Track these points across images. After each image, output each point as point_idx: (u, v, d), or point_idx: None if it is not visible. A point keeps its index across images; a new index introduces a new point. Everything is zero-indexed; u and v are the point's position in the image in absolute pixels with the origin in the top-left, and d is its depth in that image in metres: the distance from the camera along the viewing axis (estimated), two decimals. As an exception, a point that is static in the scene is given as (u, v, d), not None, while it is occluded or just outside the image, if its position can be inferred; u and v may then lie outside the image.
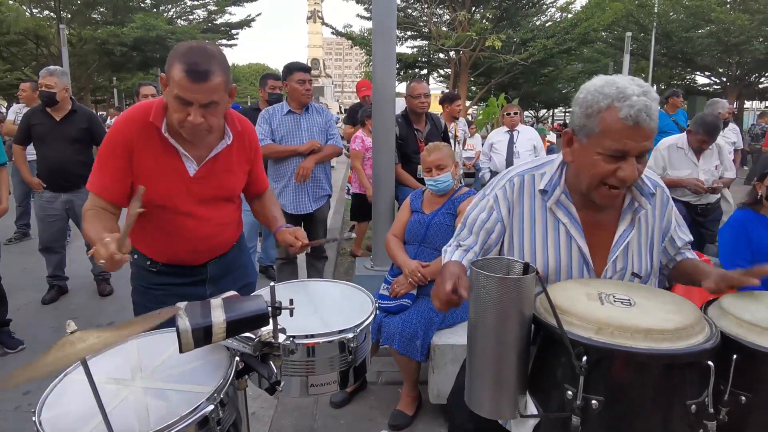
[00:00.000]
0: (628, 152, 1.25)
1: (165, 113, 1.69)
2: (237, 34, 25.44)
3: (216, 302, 1.09)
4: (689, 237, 1.55)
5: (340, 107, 29.72)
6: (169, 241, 1.82)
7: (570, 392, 1.07)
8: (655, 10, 21.37)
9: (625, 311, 1.12)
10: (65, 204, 4.30)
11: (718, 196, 4.09)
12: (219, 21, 24.53)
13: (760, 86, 25.16)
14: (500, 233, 1.49)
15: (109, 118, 13.63)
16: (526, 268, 1.23)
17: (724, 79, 23.86)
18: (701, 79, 26.29)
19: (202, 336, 1.02)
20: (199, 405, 1.04)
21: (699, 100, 19.59)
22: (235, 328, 1.07)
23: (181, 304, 1.06)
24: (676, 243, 1.53)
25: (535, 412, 1.16)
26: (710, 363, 1.03)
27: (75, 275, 4.78)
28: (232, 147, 1.83)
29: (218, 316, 1.05)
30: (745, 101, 27.57)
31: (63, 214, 4.35)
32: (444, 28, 19.21)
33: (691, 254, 1.56)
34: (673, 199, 1.58)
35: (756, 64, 21.53)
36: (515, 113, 5.89)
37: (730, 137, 6.39)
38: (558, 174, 1.43)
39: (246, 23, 24.66)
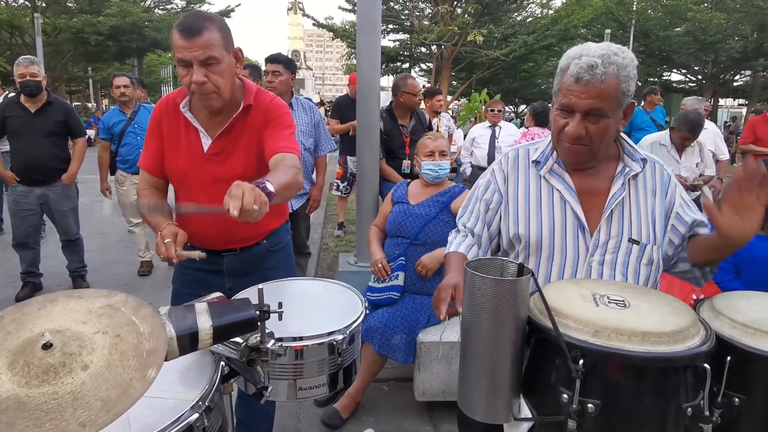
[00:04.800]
0: (571, 107, 1.33)
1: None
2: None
3: (201, 307, 1.04)
4: (701, 216, 1.50)
5: (321, 100, 29.50)
6: (188, 218, 1.81)
7: (565, 395, 1.05)
8: (634, 8, 21.68)
9: (620, 313, 1.10)
10: (39, 198, 4.19)
11: (699, 193, 4.15)
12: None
13: (735, 84, 25.70)
14: (498, 203, 1.54)
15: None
16: (521, 270, 1.20)
17: (700, 77, 24.32)
18: (677, 77, 26.76)
19: (188, 343, 0.97)
20: (183, 414, 1.00)
21: (675, 97, 19.93)
22: (222, 334, 1.02)
23: (164, 309, 1.01)
24: (684, 219, 1.48)
25: (529, 414, 1.14)
26: (707, 366, 1.02)
27: (50, 272, 4.65)
28: (246, 122, 1.78)
29: (204, 321, 1.00)
30: (720, 99, 28.13)
31: (37, 209, 4.23)
32: (426, 22, 19.22)
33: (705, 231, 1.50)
34: None
35: (731, 63, 22.00)
36: (499, 110, 6.00)
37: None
38: (551, 147, 1.50)
39: (225, 14, 24.27)
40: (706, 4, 21.70)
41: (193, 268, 1.92)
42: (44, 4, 21.08)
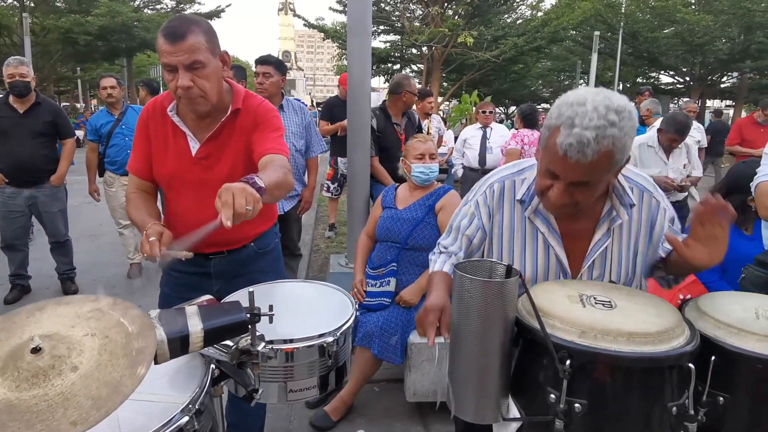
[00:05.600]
0: (557, 176, 1.25)
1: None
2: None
3: (192, 310, 1.04)
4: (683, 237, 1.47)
5: (312, 100, 29.46)
6: (175, 221, 1.82)
7: (553, 395, 1.06)
8: (623, 10, 21.86)
9: (606, 314, 1.12)
10: (28, 200, 4.16)
11: (686, 194, 4.19)
12: (188, 11, 24.03)
13: (722, 86, 25.98)
14: (481, 239, 1.50)
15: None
16: (509, 271, 1.22)
17: (688, 79, 24.56)
18: (665, 78, 27.02)
19: (179, 346, 0.97)
20: (174, 417, 1.00)
21: (663, 98, 20.13)
22: (212, 337, 1.03)
23: (154, 312, 1.01)
24: (666, 247, 1.46)
25: (517, 415, 1.15)
26: (691, 365, 1.04)
27: (38, 274, 4.61)
28: (235, 126, 1.78)
29: (195, 324, 1.00)
30: (707, 100, 28.41)
31: (26, 211, 4.20)
32: (417, 24, 19.27)
33: None
34: None
35: (718, 64, 22.23)
36: (490, 111, 6.03)
37: (694, 135, 6.56)
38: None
39: (216, 14, 24.22)
40: (693, 6, 21.94)
41: (179, 270, 1.91)
42: (33, 4, 20.89)
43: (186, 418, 1.01)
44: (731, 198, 2.70)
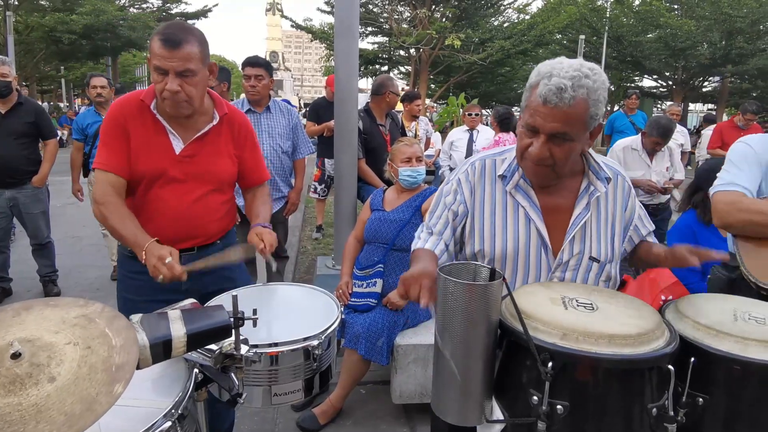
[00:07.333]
0: (537, 128, 1.31)
1: (156, 94, 1.78)
2: (193, 24, 24.82)
3: (175, 314, 1.03)
4: (652, 227, 1.59)
5: (299, 101, 29.34)
6: (152, 218, 1.83)
7: (535, 397, 1.07)
8: (607, 15, 22.13)
9: (588, 316, 1.13)
10: (9, 201, 4.09)
11: (669, 196, 4.25)
12: (174, 10, 23.86)
13: (704, 90, 26.38)
14: (463, 215, 1.52)
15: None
16: (493, 274, 1.23)
17: (671, 83, 24.89)
18: (649, 82, 27.38)
19: (161, 351, 0.96)
20: (156, 421, 0.99)
21: (646, 102, 20.39)
22: (196, 341, 1.02)
23: (136, 317, 1.00)
24: (641, 231, 1.56)
25: (500, 417, 1.16)
26: (671, 367, 1.05)
27: (20, 276, 4.54)
28: (220, 131, 1.90)
29: (178, 329, 0.99)
30: (690, 103, 28.84)
31: (7, 212, 4.13)
32: (404, 26, 19.32)
33: (652, 240, 1.59)
34: None
35: (700, 68, 22.54)
36: (476, 114, 6.05)
37: (677, 139, 6.66)
38: (517, 161, 1.48)
39: (203, 13, 24.08)
40: (676, 11, 22.26)
41: (143, 271, 1.83)
42: (16, 2, 20.58)
43: (169, 423, 1.01)
44: (698, 194, 2.79)
